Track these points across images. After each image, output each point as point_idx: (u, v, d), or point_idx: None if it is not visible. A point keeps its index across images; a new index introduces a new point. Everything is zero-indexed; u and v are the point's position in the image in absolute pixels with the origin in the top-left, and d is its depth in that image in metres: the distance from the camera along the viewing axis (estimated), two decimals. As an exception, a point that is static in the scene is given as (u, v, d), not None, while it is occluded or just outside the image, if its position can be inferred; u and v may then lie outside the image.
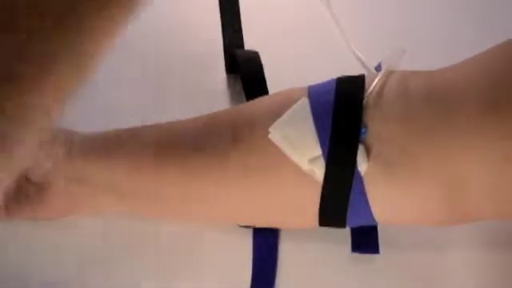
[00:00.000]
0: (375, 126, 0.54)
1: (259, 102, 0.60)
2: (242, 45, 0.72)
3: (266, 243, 0.61)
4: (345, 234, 0.59)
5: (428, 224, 0.58)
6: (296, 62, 0.63)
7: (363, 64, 0.71)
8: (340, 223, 0.56)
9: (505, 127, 0.51)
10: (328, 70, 0.58)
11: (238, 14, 0.74)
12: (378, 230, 0.59)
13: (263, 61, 0.70)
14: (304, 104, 0.56)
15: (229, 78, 0.71)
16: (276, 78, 0.59)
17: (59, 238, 0.61)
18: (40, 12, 0.30)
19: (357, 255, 0.60)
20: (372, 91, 0.55)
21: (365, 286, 0.59)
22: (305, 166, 0.54)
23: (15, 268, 0.60)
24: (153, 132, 0.59)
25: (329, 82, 0.57)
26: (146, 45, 0.72)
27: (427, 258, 0.60)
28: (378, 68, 0.69)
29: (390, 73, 0.56)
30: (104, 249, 0.61)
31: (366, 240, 0.59)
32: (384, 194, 0.54)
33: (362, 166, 0.53)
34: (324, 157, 0.54)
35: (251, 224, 0.61)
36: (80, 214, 0.61)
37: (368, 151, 0.53)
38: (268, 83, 0.68)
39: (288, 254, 0.60)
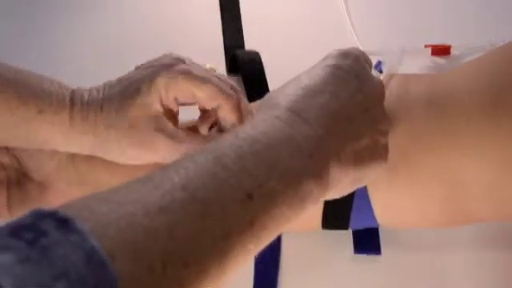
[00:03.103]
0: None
1: None
2: (242, 45, 0.73)
3: (268, 245, 0.61)
4: (347, 235, 0.60)
5: (429, 226, 0.58)
6: (297, 62, 0.62)
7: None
8: (343, 226, 0.57)
9: (504, 127, 0.52)
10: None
11: (238, 14, 0.74)
12: (380, 231, 0.60)
13: (264, 61, 0.70)
14: None
15: (230, 78, 0.71)
16: (277, 78, 0.59)
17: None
18: None
19: (359, 256, 0.60)
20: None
21: (367, 286, 0.59)
22: None
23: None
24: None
25: None
26: (147, 45, 0.72)
27: (428, 258, 0.60)
28: (378, 66, 0.69)
29: (391, 76, 0.56)
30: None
31: (367, 241, 0.60)
32: (386, 197, 0.54)
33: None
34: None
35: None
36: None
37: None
38: (269, 83, 0.69)
39: (290, 255, 0.60)
